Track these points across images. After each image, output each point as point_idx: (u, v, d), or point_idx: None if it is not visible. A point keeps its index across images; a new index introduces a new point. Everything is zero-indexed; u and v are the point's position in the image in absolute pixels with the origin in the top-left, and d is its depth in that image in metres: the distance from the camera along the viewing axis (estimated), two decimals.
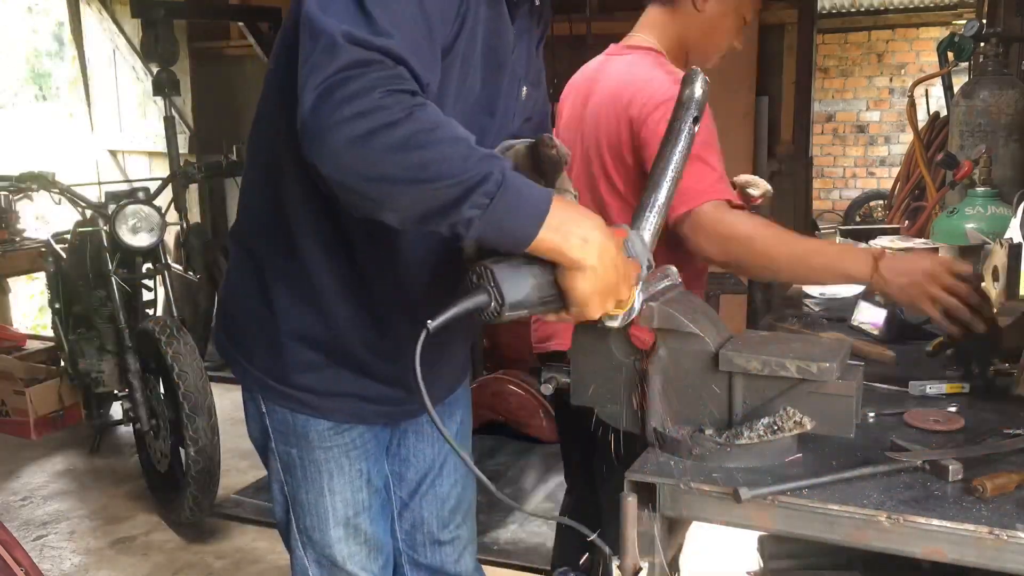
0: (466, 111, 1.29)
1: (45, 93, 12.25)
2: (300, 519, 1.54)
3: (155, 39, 4.95)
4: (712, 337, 1.28)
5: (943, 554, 1.11)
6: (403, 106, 1.04)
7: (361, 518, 1.54)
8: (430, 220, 1.09)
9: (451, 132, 1.08)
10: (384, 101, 1.04)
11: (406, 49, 1.08)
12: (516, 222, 1.09)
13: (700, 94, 1.32)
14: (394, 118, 1.03)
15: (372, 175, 1.05)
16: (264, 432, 1.52)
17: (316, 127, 1.05)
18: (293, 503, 1.54)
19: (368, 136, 1.03)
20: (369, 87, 1.04)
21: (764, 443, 1.23)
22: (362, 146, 1.04)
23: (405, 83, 1.07)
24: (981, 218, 2.55)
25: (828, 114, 9.51)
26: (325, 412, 1.46)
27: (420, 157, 1.04)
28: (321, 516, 1.52)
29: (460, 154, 1.06)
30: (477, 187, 1.05)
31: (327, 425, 1.47)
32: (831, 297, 2.28)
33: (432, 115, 1.07)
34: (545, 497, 3.49)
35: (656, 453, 1.30)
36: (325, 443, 1.48)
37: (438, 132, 1.06)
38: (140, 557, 3.23)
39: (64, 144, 7.93)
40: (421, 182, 1.05)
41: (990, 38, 3.17)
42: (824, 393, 1.24)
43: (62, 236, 4.17)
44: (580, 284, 1.12)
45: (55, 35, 11.41)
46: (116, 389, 3.77)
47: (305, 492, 1.51)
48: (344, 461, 1.50)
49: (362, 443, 1.51)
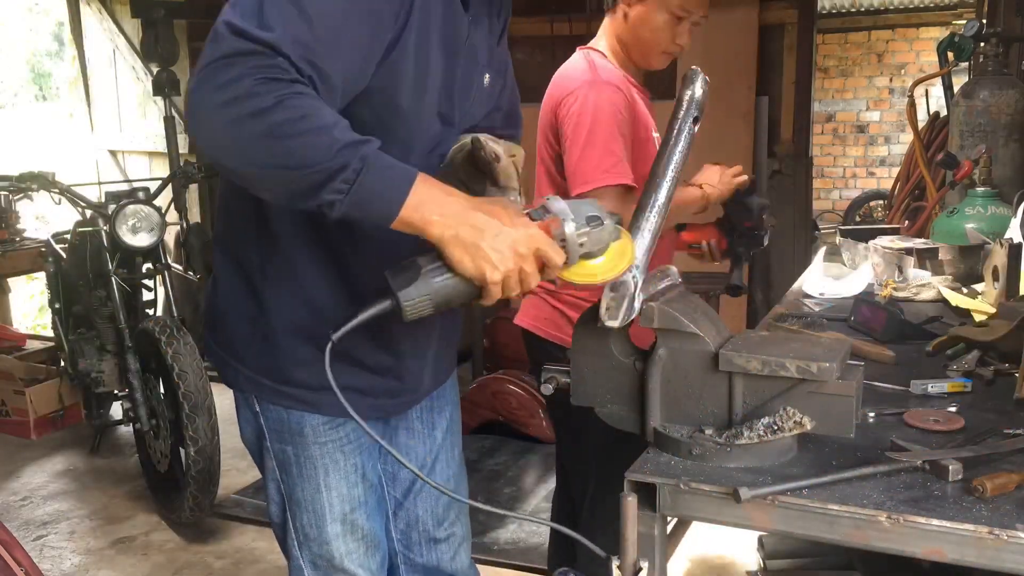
0: (427, 94, 1.33)
1: (45, 93, 12.25)
2: (297, 517, 1.54)
3: (155, 39, 4.96)
4: (712, 337, 1.29)
5: (943, 554, 1.11)
6: (274, 94, 1.10)
7: (358, 514, 1.54)
8: (296, 200, 1.17)
9: (318, 121, 1.12)
10: (256, 88, 1.09)
11: (288, 41, 1.13)
12: (377, 204, 1.15)
13: (700, 94, 1.33)
14: (264, 105, 1.09)
15: (242, 159, 1.15)
16: (258, 432, 1.52)
17: (194, 108, 1.13)
18: (289, 501, 1.54)
19: (238, 121, 1.10)
20: (243, 75, 1.10)
21: (764, 443, 1.23)
22: (233, 131, 1.11)
23: (280, 72, 1.12)
24: (981, 218, 2.55)
25: (828, 114, 9.51)
26: (319, 407, 1.46)
27: (284, 146, 1.11)
28: (318, 513, 1.52)
29: (323, 144, 1.12)
30: (336, 175, 1.12)
31: (321, 420, 1.48)
32: (831, 297, 2.28)
33: (303, 103, 1.12)
34: (545, 497, 3.49)
35: (656, 453, 1.30)
36: (320, 438, 1.49)
37: (303, 122, 1.11)
38: (140, 557, 3.23)
39: (64, 144, 7.93)
40: (285, 168, 1.13)
41: (990, 38, 3.17)
42: (824, 393, 1.24)
43: (62, 236, 4.17)
44: (455, 254, 1.17)
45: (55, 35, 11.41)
46: (116, 389, 3.77)
47: (301, 489, 1.51)
48: (339, 456, 1.50)
49: (356, 438, 1.52)
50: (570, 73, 2.08)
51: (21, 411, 4.22)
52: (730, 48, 4.81)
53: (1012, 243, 2.03)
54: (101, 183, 5.55)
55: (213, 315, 1.53)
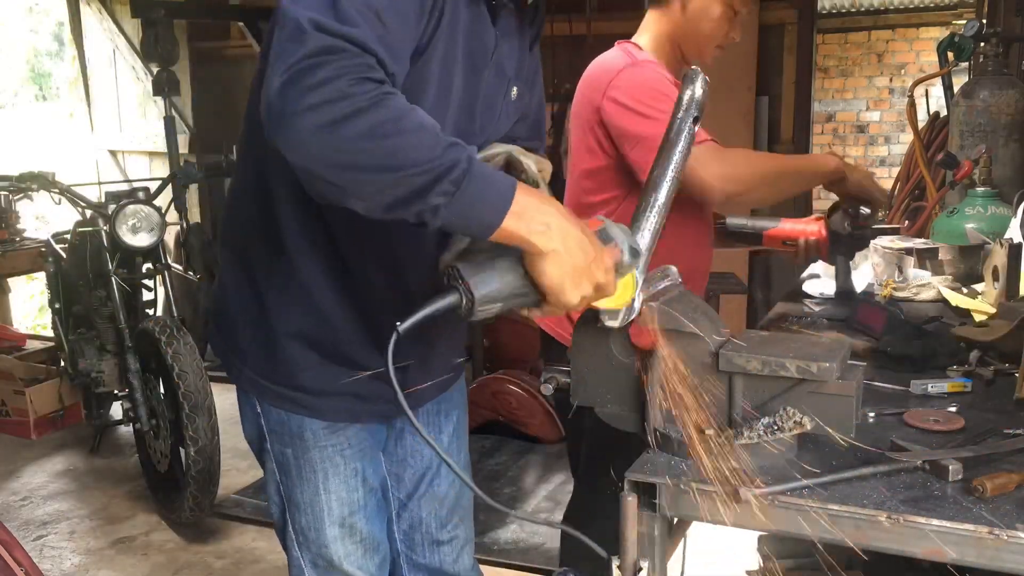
0: (449, 111, 1.31)
1: (45, 93, 12.25)
2: (296, 519, 1.54)
3: (155, 39, 4.96)
4: (712, 337, 1.28)
5: (943, 554, 1.11)
6: (370, 95, 1.04)
7: (357, 517, 1.54)
8: (397, 208, 1.08)
9: (417, 120, 1.07)
10: (351, 89, 1.04)
11: (373, 38, 1.08)
12: (481, 209, 1.09)
13: (700, 94, 1.32)
14: (361, 106, 1.03)
15: (339, 163, 1.06)
16: (260, 433, 1.52)
17: (282, 112, 1.05)
18: (289, 503, 1.54)
19: (335, 124, 1.03)
20: (336, 75, 1.04)
21: (764, 443, 1.23)
22: (329, 134, 1.03)
23: (372, 71, 1.07)
24: (981, 218, 2.55)
25: (828, 114, 9.50)
26: (319, 412, 1.46)
27: (387, 146, 1.04)
28: (317, 516, 1.52)
29: (427, 143, 1.06)
30: (444, 175, 1.06)
31: (321, 424, 1.47)
32: (831, 297, 2.28)
33: (399, 104, 1.07)
34: (545, 497, 3.49)
35: (656, 453, 1.30)
36: (320, 442, 1.48)
37: (404, 121, 1.06)
38: (140, 557, 3.23)
39: (64, 144, 7.93)
40: (388, 170, 1.06)
41: (990, 38, 3.17)
42: (824, 393, 1.24)
43: (62, 236, 4.17)
44: (548, 269, 1.13)
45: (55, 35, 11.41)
46: (116, 389, 3.77)
47: (300, 492, 1.51)
48: (339, 460, 1.50)
49: (357, 442, 1.51)
50: (608, 63, 2.02)
51: (21, 411, 4.22)
52: (730, 48, 4.82)
53: (1012, 243, 2.03)
54: (101, 183, 5.55)
55: (218, 314, 1.53)
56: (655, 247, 1.31)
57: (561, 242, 1.12)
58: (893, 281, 2.26)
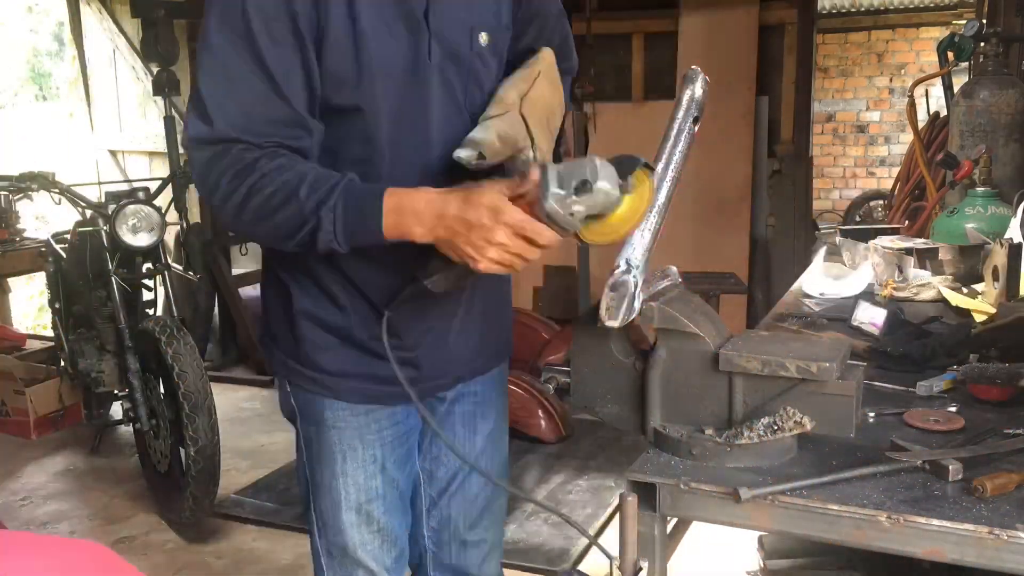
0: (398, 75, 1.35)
1: (45, 93, 12.25)
2: (317, 501, 1.57)
3: (155, 39, 4.95)
4: (712, 337, 1.29)
5: (943, 554, 1.11)
6: (245, 184, 1.29)
7: (374, 505, 1.54)
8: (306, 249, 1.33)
9: (284, 192, 1.28)
10: (228, 187, 1.29)
11: (232, 126, 1.29)
12: (363, 236, 1.29)
13: (700, 94, 1.33)
14: (240, 199, 1.29)
15: (254, 239, 1.50)
16: (292, 412, 1.57)
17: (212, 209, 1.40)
18: (312, 483, 1.57)
19: (235, 217, 1.33)
20: (218, 181, 1.30)
21: (764, 443, 1.23)
22: (234, 223, 1.35)
23: (240, 160, 1.29)
24: (981, 218, 2.55)
25: (828, 114, 9.50)
26: (339, 392, 1.50)
27: (269, 225, 1.31)
28: (334, 499, 1.54)
29: (293, 214, 1.28)
30: (319, 230, 1.28)
31: (341, 405, 1.50)
32: (831, 297, 2.28)
33: (270, 180, 1.28)
34: (545, 496, 3.49)
35: (656, 453, 1.30)
36: (339, 423, 1.51)
37: (275, 198, 1.28)
38: (140, 557, 3.23)
39: (64, 144, 7.93)
40: (282, 239, 1.33)
41: (990, 38, 3.17)
42: (824, 393, 1.24)
43: (62, 236, 4.17)
44: (444, 250, 1.28)
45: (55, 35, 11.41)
46: (116, 389, 3.76)
47: (320, 473, 1.54)
48: (357, 444, 1.52)
49: (378, 428, 1.52)
50: None
51: (21, 411, 4.22)
52: (730, 48, 4.81)
53: (1012, 243, 2.03)
54: (101, 183, 5.54)
55: (262, 305, 1.61)
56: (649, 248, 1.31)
57: (434, 231, 1.26)
58: (893, 281, 2.27)
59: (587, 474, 3.66)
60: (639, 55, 5.11)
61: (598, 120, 4.89)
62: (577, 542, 3.13)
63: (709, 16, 4.84)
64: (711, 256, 4.78)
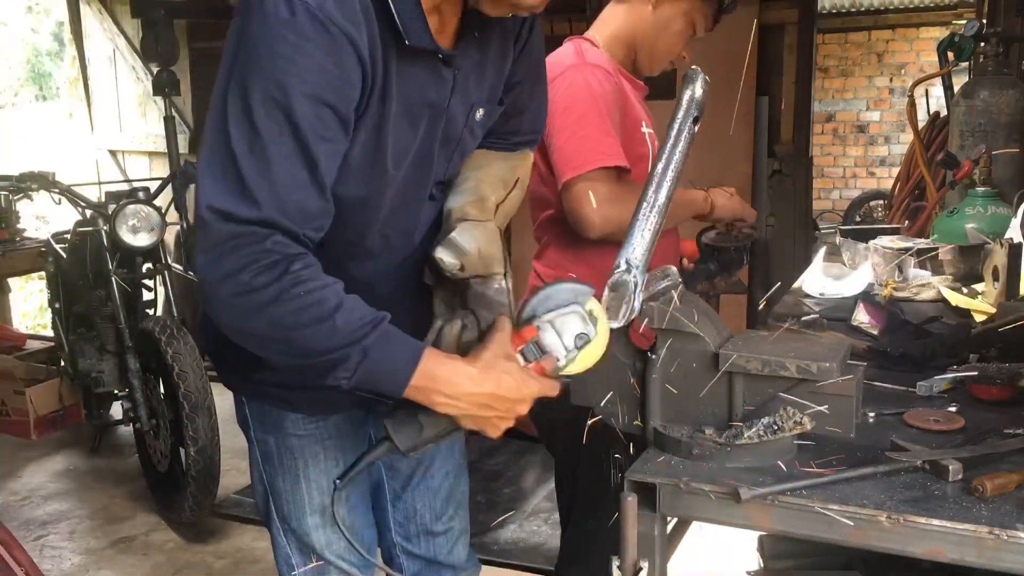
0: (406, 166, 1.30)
1: (45, 93, 12.25)
2: (279, 508, 1.56)
3: (155, 39, 4.95)
4: (712, 337, 1.29)
5: (943, 554, 1.11)
6: (274, 286, 1.11)
7: (338, 506, 1.50)
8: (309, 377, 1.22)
9: (319, 311, 1.13)
10: (254, 281, 1.11)
11: (276, 209, 1.11)
12: (381, 386, 1.19)
13: (700, 94, 1.32)
14: (264, 299, 1.11)
15: (254, 346, 1.21)
16: (244, 420, 1.55)
17: (208, 296, 1.16)
18: (271, 490, 1.56)
19: (244, 314, 1.15)
20: (239, 266, 1.11)
21: (764, 443, 1.23)
22: (241, 324, 1.17)
23: (277, 255, 1.12)
24: (981, 218, 2.55)
25: (828, 114, 9.51)
26: (297, 405, 1.48)
27: (288, 337, 1.15)
28: (297, 504, 1.54)
29: (324, 335, 1.14)
30: (340, 364, 1.16)
31: (301, 415, 1.49)
32: (831, 297, 2.28)
33: (304, 290, 1.12)
34: (545, 497, 3.49)
35: (656, 453, 1.30)
36: (299, 431, 1.50)
37: (305, 314, 1.13)
38: (140, 557, 3.23)
39: (64, 144, 7.93)
40: (292, 357, 1.20)
41: (990, 38, 3.17)
42: (824, 393, 1.24)
43: (62, 236, 4.17)
44: (465, 423, 1.26)
45: (55, 35, 11.41)
46: (116, 389, 3.77)
47: (282, 479, 1.53)
48: (318, 449, 1.51)
49: (337, 432, 1.52)
50: (556, 60, 1.92)
51: (21, 411, 4.21)
52: (730, 48, 4.81)
53: (1012, 243, 2.03)
54: (101, 183, 5.54)
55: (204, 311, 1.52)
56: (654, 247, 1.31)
57: (464, 408, 1.22)
58: (893, 281, 2.26)
59: None
60: None
61: None
62: None
63: None
64: None
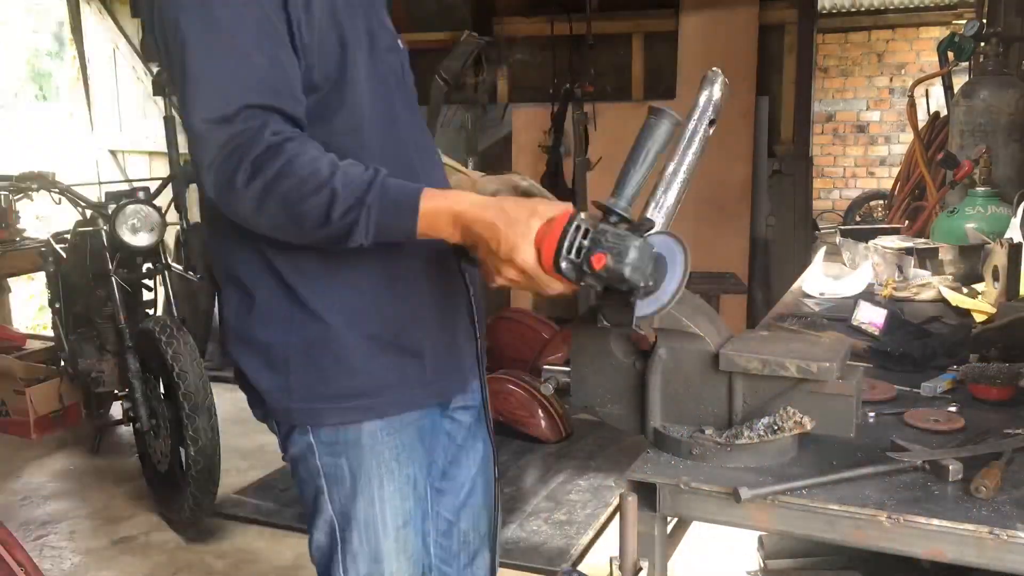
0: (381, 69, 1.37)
1: (45, 93, 12.24)
2: (349, 539, 1.42)
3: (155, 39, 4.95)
4: (712, 337, 1.29)
5: (943, 554, 1.11)
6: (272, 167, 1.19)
7: (408, 529, 1.46)
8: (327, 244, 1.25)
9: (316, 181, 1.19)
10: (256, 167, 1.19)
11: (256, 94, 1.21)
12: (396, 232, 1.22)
13: (718, 97, 1.31)
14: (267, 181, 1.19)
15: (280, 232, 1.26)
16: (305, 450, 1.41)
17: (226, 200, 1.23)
18: (342, 520, 1.42)
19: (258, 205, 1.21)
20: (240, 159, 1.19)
21: (764, 443, 1.23)
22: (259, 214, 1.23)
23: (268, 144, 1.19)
24: (981, 218, 2.55)
25: (828, 114, 9.50)
26: (381, 410, 1.39)
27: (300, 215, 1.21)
28: (372, 530, 1.42)
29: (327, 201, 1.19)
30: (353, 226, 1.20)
31: (380, 425, 1.39)
32: (831, 297, 2.28)
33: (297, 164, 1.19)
34: (545, 497, 3.49)
35: (656, 453, 1.30)
36: (377, 446, 1.39)
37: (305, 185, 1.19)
38: (140, 557, 3.23)
39: (64, 144, 7.92)
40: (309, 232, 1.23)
41: (990, 38, 3.17)
42: (824, 393, 1.24)
43: (62, 236, 4.17)
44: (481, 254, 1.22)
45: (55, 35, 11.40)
46: (116, 389, 3.76)
47: (354, 507, 1.41)
48: (394, 466, 1.42)
49: (410, 443, 1.43)
50: None
51: (21, 411, 4.22)
52: (730, 48, 4.82)
53: (1012, 243, 2.03)
54: (101, 183, 5.54)
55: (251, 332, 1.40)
56: None
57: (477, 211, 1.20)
58: (893, 281, 2.27)
59: (587, 474, 3.66)
60: (639, 55, 5.11)
61: (598, 120, 4.89)
62: (577, 542, 3.13)
63: (709, 16, 4.84)
64: (711, 256, 4.78)
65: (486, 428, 1.63)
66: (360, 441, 1.39)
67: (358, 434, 1.39)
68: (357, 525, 1.41)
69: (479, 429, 1.62)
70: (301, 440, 1.41)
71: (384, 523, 1.42)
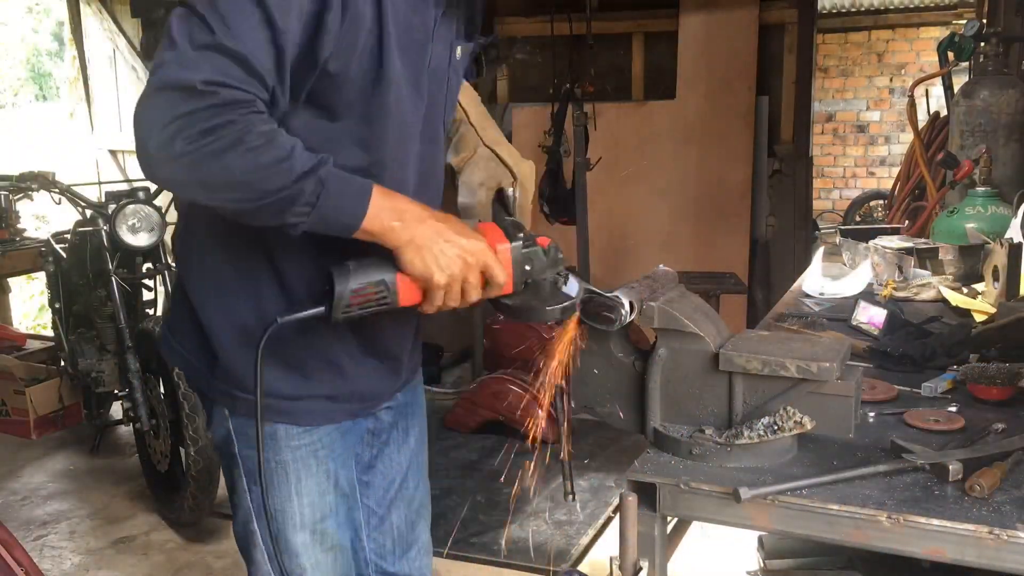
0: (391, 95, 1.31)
1: (45, 93, 12.25)
2: (264, 529, 1.46)
3: (155, 39, 4.96)
4: (712, 337, 1.29)
5: (943, 554, 1.11)
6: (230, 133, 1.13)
7: (328, 523, 1.49)
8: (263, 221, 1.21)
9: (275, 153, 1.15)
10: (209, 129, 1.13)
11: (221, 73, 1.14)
12: (338, 220, 1.19)
13: None
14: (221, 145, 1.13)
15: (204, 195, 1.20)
16: (226, 436, 1.46)
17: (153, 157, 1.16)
18: (257, 511, 1.46)
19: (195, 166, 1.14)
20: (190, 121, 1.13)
21: (764, 443, 1.23)
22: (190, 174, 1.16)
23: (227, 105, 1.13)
24: (981, 218, 2.55)
25: (828, 114, 9.50)
26: (296, 416, 1.42)
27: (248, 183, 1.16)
28: (287, 522, 1.46)
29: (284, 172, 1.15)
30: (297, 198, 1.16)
31: (296, 427, 1.43)
32: (831, 297, 2.28)
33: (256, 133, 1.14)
34: (545, 496, 3.49)
35: (656, 453, 1.30)
36: (292, 443, 1.43)
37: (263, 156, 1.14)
38: (140, 557, 3.23)
39: (64, 144, 7.92)
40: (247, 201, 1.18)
41: (990, 38, 3.17)
42: (824, 393, 1.24)
43: (62, 236, 4.16)
44: (409, 257, 1.20)
45: (55, 35, 11.41)
46: (116, 389, 3.76)
47: (270, 497, 1.44)
48: (312, 462, 1.45)
49: (329, 442, 1.47)
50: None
51: (21, 411, 4.21)
52: (730, 48, 4.81)
53: (1012, 243, 2.03)
54: (101, 183, 5.54)
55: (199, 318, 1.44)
56: None
57: (413, 231, 1.20)
58: (893, 281, 2.27)
59: (587, 474, 3.66)
60: (639, 55, 5.11)
61: (598, 120, 4.89)
62: (577, 542, 3.13)
63: (709, 16, 4.84)
64: (711, 256, 4.78)
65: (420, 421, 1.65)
66: (276, 435, 1.42)
67: (274, 429, 1.42)
68: (274, 518, 1.44)
69: (413, 421, 1.63)
70: (221, 426, 1.45)
71: (301, 517, 1.46)
